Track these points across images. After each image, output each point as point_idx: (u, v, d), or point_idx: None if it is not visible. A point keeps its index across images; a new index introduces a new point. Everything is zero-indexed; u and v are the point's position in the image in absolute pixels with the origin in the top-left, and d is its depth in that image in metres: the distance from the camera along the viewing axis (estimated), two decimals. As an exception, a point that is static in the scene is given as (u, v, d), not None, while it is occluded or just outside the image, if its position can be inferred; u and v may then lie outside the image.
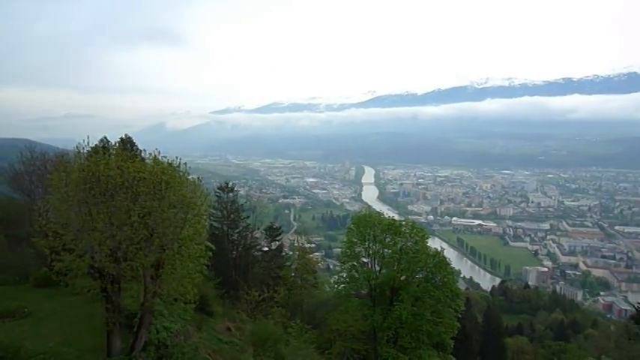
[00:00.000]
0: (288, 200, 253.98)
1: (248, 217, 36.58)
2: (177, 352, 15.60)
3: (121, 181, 13.39)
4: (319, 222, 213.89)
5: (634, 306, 42.77)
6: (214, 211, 33.82)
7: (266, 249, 36.42)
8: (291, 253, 36.37)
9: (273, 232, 36.52)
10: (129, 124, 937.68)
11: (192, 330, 19.05)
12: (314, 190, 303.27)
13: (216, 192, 35.35)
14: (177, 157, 15.41)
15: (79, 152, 14.35)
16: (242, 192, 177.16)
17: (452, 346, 27.37)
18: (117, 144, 23.80)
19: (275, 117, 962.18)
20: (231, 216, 34.91)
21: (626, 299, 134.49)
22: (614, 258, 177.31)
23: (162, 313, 16.46)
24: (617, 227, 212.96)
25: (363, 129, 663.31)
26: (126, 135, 27.58)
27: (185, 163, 15.54)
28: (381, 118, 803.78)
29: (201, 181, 16.29)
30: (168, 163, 14.82)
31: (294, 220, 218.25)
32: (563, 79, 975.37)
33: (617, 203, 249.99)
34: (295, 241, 35.75)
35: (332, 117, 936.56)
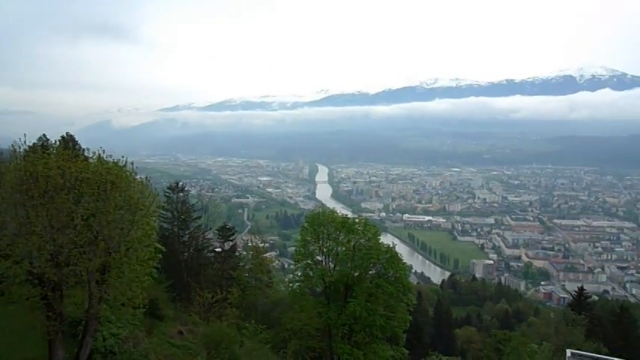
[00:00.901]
0: (241, 200, 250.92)
1: (200, 217, 35.86)
2: (125, 359, 15.05)
3: (62, 182, 12.71)
4: (273, 221, 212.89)
5: (571, 294, 45.65)
6: (164, 212, 32.91)
7: (219, 250, 35.82)
8: (244, 253, 35.94)
9: (226, 233, 35.97)
10: (71, 121, 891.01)
11: (141, 335, 18.41)
12: (268, 189, 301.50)
13: (165, 192, 34.38)
14: (123, 156, 14.87)
15: (14, 151, 13.52)
16: (193, 192, 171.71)
17: (404, 340, 28.05)
18: (57, 142, 22.56)
19: (227, 115, 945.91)
20: (182, 217, 34.10)
21: (563, 288, 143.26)
22: (552, 249, 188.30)
23: (109, 319, 15.80)
24: (555, 220, 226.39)
25: (317, 128, 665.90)
26: (67, 133, 26.29)
27: (132, 163, 15.02)
28: (334, 117, 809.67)
29: (149, 181, 15.79)
30: (113, 162, 14.27)
31: (248, 219, 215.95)
32: (506, 80, 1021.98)
33: (555, 198, 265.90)
34: (249, 241, 35.33)
35: (285, 115, 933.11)
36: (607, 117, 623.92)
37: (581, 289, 41.01)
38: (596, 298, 58.11)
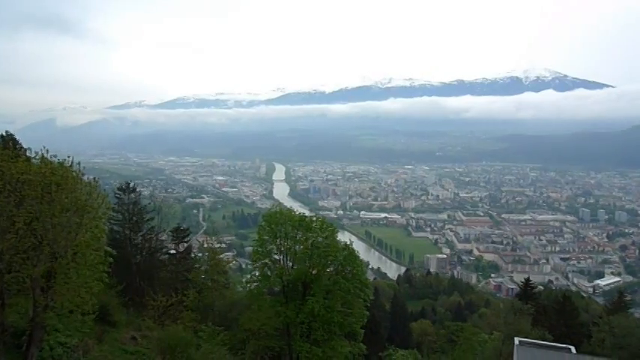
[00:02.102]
0: (196, 200, 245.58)
1: (152, 218, 34.76)
2: (74, 368, 14.37)
3: (1, 184, 11.96)
4: (230, 221, 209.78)
5: (518, 285, 47.90)
6: (114, 214, 31.68)
7: (173, 252, 34.85)
8: (200, 254, 35.15)
9: (180, 234, 35.06)
10: (11, 119, 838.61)
11: (92, 343, 17.66)
12: (224, 189, 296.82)
13: (116, 193, 33.07)
14: (69, 156, 14.19)
15: (-54, 152, 12.57)
16: (145, 192, 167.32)
17: (362, 335, 28.46)
18: (-5, 142, 21.18)
19: (180, 113, 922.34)
20: (134, 218, 32.94)
21: (512, 279, 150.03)
22: (501, 243, 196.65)
23: (56, 327, 15.06)
24: (503, 215, 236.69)
25: (273, 126, 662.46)
26: (7, 132, 24.79)
27: (79, 163, 14.38)
28: (291, 116, 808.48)
29: (97, 182, 15.15)
30: (58, 162, 13.60)
31: (204, 220, 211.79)
32: (457, 81, 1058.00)
33: (504, 194, 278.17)
34: (205, 242, 34.59)
35: (241, 114, 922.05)
36: (550, 116, 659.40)
37: (528, 280, 43.01)
38: (541, 288, 61.31)
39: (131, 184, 34.46)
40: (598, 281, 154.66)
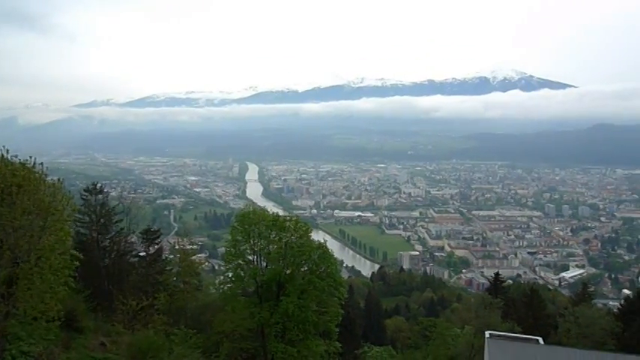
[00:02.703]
0: (167, 200, 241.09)
1: (121, 220, 33.78)
2: (39, 377, 13.80)
3: (-44, 187, 11.37)
4: (202, 222, 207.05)
5: (488, 279, 49.04)
6: (81, 216, 30.67)
7: (143, 254, 33.98)
8: (172, 256, 34.40)
9: (150, 236, 34.16)
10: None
11: (57, 351, 16.99)
12: (196, 189, 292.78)
13: (82, 194, 31.99)
14: (31, 157, 13.63)
15: None
16: (114, 193, 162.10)
17: (337, 333, 28.50)
18: (-49, 142, 20.10)
19: (150, 112, 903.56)
20: (102, 220, 31.93)
21: (482, 274, 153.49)
22: (472, 239, 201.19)
23: (18, 335, 14.42)
24: (473, 212, 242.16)
25: (246, 125, 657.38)
26: (-37, 132, 23.57)
27: (42, 163, 13.82)
28: (264, 115, 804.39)
29: (62, 183, 14.59)
30: (20, 163, 13.02)
31: (175, 221, 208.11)
32: (428, 80, 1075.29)
33: (473, 191, 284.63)
34: (176, 244, 33.86)
35: (213, 112, 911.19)
36: (517, 116, 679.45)
37: (497, 274, 44.11)
38: (510, 282, 62.99)
39: (98, 185, 33.41)
40: (563, 274, 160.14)
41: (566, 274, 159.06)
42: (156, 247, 34.27)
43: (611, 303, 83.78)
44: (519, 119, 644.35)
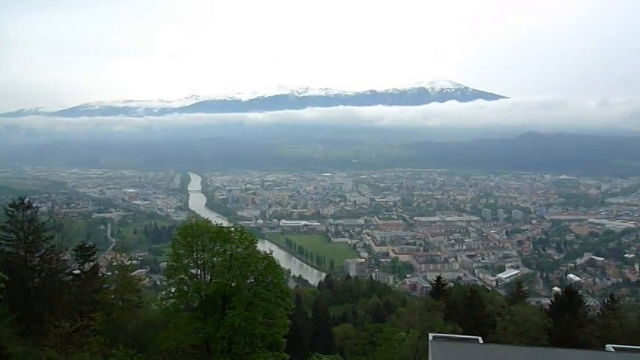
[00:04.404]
0: (103, 214, 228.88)
1: (52, 237, 31.75)
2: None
3: None
4: (142, 236, 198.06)
5: (431, 283, 50.65)
6: (7, 234, 28.60)
7: (77, 272, 32.05)
8: (109, 273, 32.68)
9: (85, 252, 32.34)
10: None
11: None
12: (135, 202, 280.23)
13: (7, 210, 29.76)
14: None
15: None
16: (44, 208, 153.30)
17: (285, 344, 28.21)
18: None
19: (84, 121, 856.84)
20: (30, 237, 29.87)
21: (425, 278, 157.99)
22: (415, 244, 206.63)
23: None
24: (416, 218, 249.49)
25: (188, 135, 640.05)
26: None
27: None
28: (207, 124, 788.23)
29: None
30: None
31: (112, 235, 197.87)
32: (370, 91, 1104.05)
33: (415, 198, 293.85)
34: (114, 260, 32.27)
35: (152, 122, 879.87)
36: (454, 125, 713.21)
37: (439, 278, 45.77)
38: (451, 284, 65.27)
39: (26, 200, 31.22)
40: (500, 275, 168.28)
41: (503, 275, 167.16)
42: (91, 264, 32.56)
43: (543, 300, 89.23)
44: (456, 128, 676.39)
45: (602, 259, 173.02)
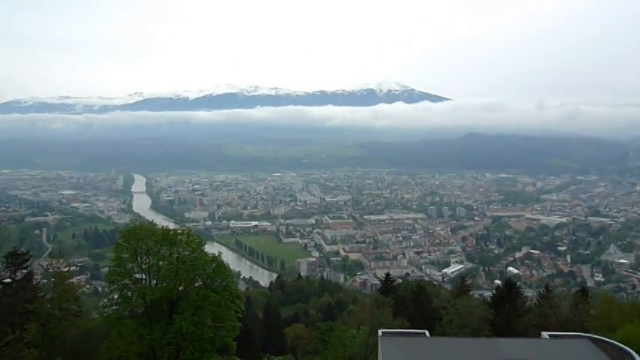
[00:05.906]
0: (38, 218, 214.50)
1: (-21, 243, 29.35)
2: None
3: None
4: (82, 240, 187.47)
5: (380, 280, 51.61)
6: None
7: (8, 281, 29.79)
8: (44, 280, 30.66)
9: (17, 259, 30.05)
10: None
11: None
12: (73, 204, 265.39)
13: None
14: None
15: None
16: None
17: (235, 347, 27.73)
18: None
19: (15, 118, 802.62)
20: (-47, 245, 27.41)
21: (375, 275, 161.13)
22: (364, 242, 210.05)
23: None
24: (365, 216, 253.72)
25: (131, 134, 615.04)
26: None
27: None
28: (151, 122, 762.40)
29: None
30: None
31: (49, 241, 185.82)
32: (319, 91, 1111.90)
33: (364, 197, 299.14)
34: (50, 266, 30.27)
35: (92, 120, 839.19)
36: (401, 125, 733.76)
37: (388, 275, 46.72)
38: (400, 281, 66.91)
39: (-52, 204, 28.67)
40: (445, 270, 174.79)
41: (448, 270, 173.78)
42: (24, 271, 30.31)
43: (485, 293, 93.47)
44: (403, 129, 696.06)
45: (538, 252, 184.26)
